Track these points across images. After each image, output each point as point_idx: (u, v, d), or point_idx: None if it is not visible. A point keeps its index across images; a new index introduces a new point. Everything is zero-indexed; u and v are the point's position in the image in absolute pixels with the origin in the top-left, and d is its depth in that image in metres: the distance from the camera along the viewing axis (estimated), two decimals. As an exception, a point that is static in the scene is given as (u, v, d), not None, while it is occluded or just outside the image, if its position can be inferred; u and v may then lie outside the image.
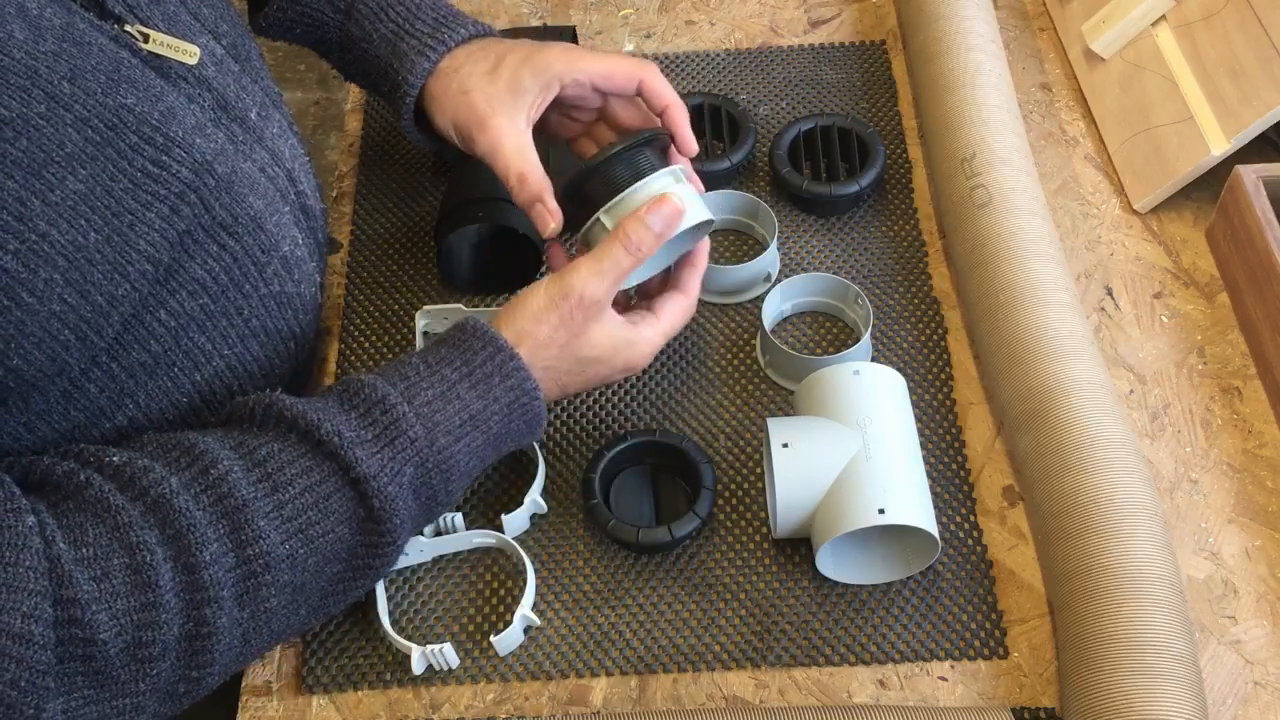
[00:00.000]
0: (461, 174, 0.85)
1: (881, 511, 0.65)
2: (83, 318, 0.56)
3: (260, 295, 0.66)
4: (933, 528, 0.66)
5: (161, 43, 0.61)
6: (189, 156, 0.59)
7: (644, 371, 0.80)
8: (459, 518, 0.72)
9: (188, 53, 0.62)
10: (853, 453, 0.67)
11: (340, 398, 0.62)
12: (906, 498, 0.66)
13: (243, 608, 0.57)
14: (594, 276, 0.65)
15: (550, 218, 0.70)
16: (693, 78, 0.98)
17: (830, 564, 0.70)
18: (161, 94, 0.59)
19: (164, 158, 0.58)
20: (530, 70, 0.72)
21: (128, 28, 0.60)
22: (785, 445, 0.68)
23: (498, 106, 0.71)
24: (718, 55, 1.00)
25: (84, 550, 0.53)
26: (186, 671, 0.56)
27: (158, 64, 0.61)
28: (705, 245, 0.74)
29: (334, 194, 0.92)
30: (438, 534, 0.72)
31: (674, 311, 0.71)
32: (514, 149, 0.71)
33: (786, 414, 0.78)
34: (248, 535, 0.56)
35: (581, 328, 0.66)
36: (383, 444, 0.60)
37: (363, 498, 0.59)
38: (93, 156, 0.55)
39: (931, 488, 0.72)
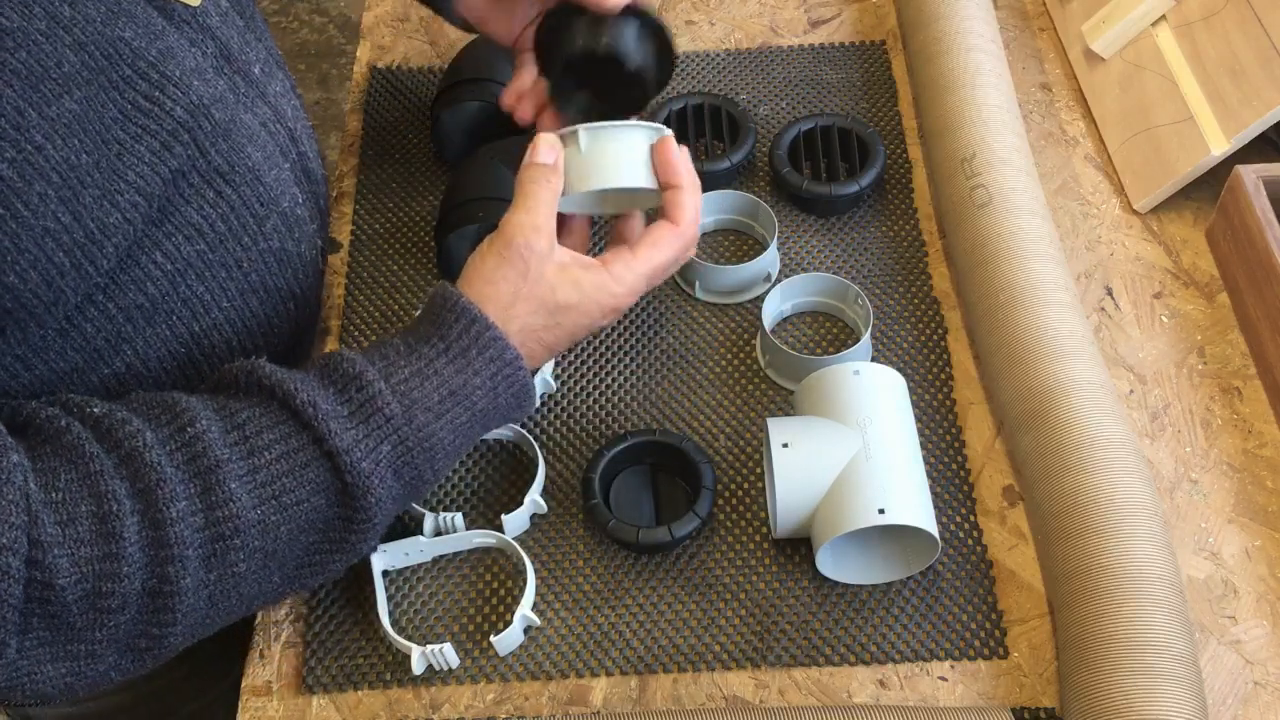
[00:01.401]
0: (461, 174, 0.85)
1: (881, 511, 0.65)
2: (76, 241, 0.56)
3: (259, 249, 0.66)
4: (933, 528, 0.66)
5: None
6: (184, 97, 0.59)
7: (644, 371, 0.80)
8: (459, 518, 0.72)
9: None
10: (853, 453, 0.67)
11: (320, 372, 0.61)
12: (906, 498, 0.66)
13: (209, 570, 0.56)
14: (523, 214, 0.64)
15: (527, 117, 0.78)
16: (693, 78, 0.98)
17: (830, 564, 0.70)
18: (161, 33, 0.60)
19: (158, 94, 0.58)
20: None
21: None
22: (785, 445, 0.68)
23: None
24: (718, 55, 1.00)
25: (53, 494, 0.53)
26: (148, 628, 0.55)
27: (160, 4, 0.61)
28: (688, 164, 0.70)
29: (334, 194, 0.92)
30: (438, 534, 0.72)
31: (660, 245, 0.67)
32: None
33: (786, 414, 0.78)
34: (218, 497, 0.56)
35: (538, 270, 0.64)
36: (358, 420, 0.59)
37: (337, 471, 0.58)
38: (88, 80, 0.55)
39: (931, 488, 0.72)
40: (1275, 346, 0.75)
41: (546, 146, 0.67)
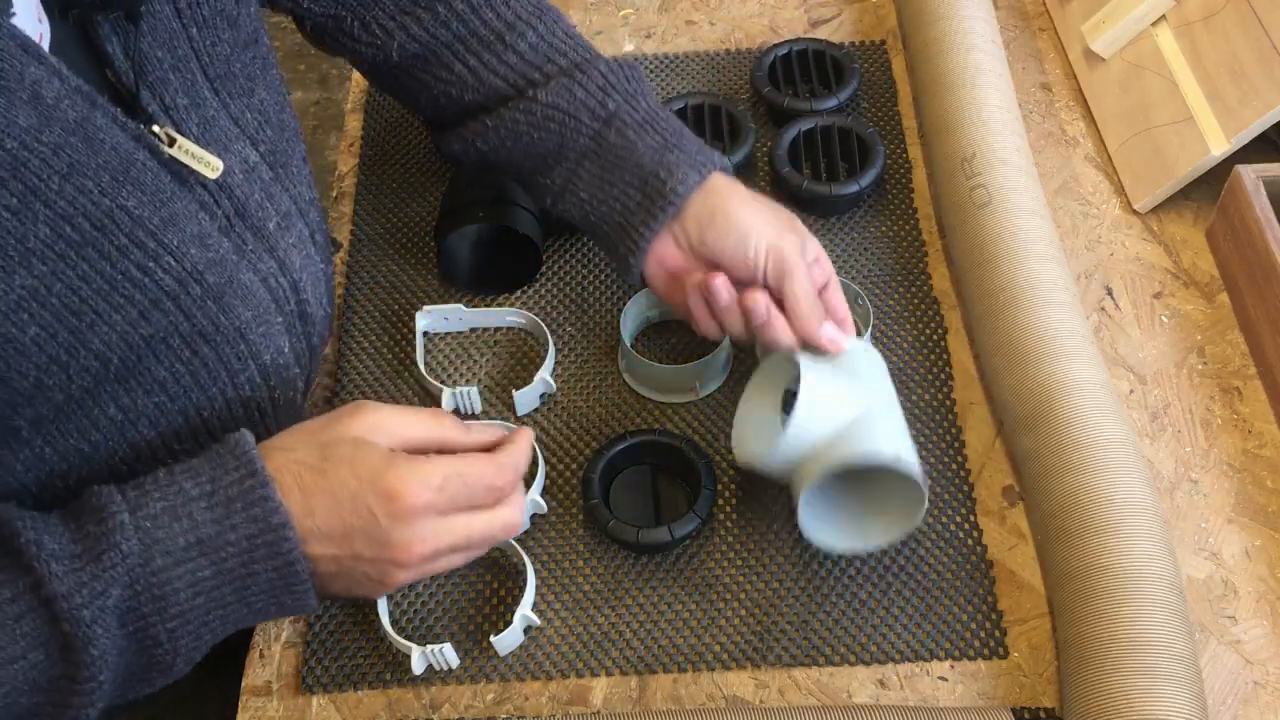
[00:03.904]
0: (462, 174, 0.85)
1: (896, 458, 0.64)
2: None
3: (227, 399, 0.63)
4: (923, 490, 0.65)
5: (186, 150, 0.59)
6: (177, 265, 0.57)
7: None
8: (459, 518, 0.72)
9: (210, 166, 0.60)
10: (865, 405, 0.67)
11: (72, 504, 0.56)
12: (913, 456, 0.66)
13: None
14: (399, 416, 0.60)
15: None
16: (693, 78, 0.98)
17: (811, 520, 0.67)
18: (170, 198, 0.58)
19: (150, 264, 0.56)
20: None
21: (155, 128, 0.58)
22: (814, 364, 0.67)
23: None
24: (718, 55, 1.00)
25: None
26: None
27: (177, 169, 0.59)
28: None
29: (334, 194, 0.92)
30: (438, 534, 0.72)
31: (468, 460, 0.60)
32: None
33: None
34: None
35: (344, 424, 0.59)
36: (88, 559, 0.52)
37: (55, 620, 0.52)
38: (61, 254, 0.53)
39: (931, 487, 0.72)
40: (1275, 346, 0.75)
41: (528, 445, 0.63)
